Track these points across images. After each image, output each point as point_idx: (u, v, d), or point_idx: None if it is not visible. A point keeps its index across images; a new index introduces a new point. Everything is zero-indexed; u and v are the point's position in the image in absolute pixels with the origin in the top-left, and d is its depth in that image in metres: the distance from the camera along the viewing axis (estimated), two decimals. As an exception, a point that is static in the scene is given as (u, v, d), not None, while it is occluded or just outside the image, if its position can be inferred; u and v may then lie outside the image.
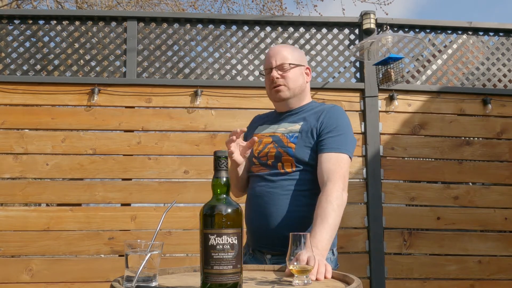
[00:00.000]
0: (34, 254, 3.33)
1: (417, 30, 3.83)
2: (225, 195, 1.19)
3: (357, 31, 3.80)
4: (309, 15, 7.79)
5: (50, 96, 3.53)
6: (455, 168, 3.65)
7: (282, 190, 1.73)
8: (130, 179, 3.50)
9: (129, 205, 3.52)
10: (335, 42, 3.79)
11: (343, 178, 1.67)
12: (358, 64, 3.77)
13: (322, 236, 1.53)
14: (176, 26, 3.75)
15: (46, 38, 3.65)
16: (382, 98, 3.68)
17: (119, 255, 3.37)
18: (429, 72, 3.93)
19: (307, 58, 3.71)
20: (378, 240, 3.47)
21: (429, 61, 3.98)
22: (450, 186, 3.62)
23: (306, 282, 1.26)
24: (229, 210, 1.16)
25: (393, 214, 3.55)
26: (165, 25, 3.74)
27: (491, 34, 3.90)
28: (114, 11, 4.93)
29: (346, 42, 3.79)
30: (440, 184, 3.64)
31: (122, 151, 3.50)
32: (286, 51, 1.83)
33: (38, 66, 3.61)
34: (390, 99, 3.67)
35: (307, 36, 3.79)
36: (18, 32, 3.66)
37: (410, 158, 3.66)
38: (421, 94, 3.72)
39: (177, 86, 3.61)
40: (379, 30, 3.68)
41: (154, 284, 1.21)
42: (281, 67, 1.81)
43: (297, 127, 1.79)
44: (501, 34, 3.88)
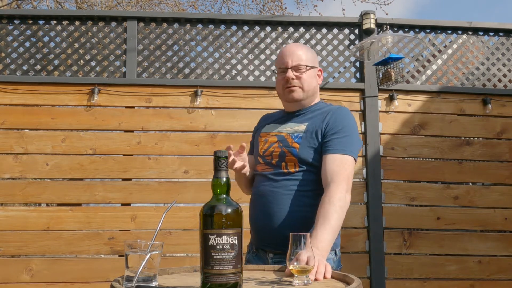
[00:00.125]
0: (34, 254, 3.33)
1: (417, 30, 3.83)
2: (225, 195, 1.19)
3: (357, 31, 3.80)
4: (309, 15, 7.79)
5: (50, 96, 3.53)
6: (455, 168, 3.65)
7: (285, 190, 1.73)
8: (130, 179, 3.50)
9: (129, 205, 3.52)
10: (335, 42, 3.79)
11: (347, 179, 1.67)
12: (358, 64, 3.77)
13: (323, 236, 1.53)
14: (176, 26, 3.74)
15: (46, 38, 3.65)
16: (382, 98, 3.68)
17: (119, 255, 3.37)
18: (429, 72, 3.93)
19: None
20: (378, 240, 3.47)
21: (429, 61, 3.98)
22: (450, 186, 3.62)
23: (306, 282, 1.26)
24: (229, 210, 1.16)
25: (393, 214, 3.55)
26: (165, 25, 3.73)
27: (491, 34, 3.90)
28: (114, 11, 4.94)
29: (346, 42, 3.79)
30: (440, 184, 3.64)
31: (122, 151, 3.50)
32: (302, 51, 1.82)
33: (38, 66, 3.61)
34: (390, 99, 3.67)
35: (307, 36, 3.79)
36: (18, 32, 3.66)
37: (410, 158, 3.66)
38: (421, 94, 3.72)
39: (177, 86, 3.61)
40: (379, 30, 3.68)
41: (154, 284, 1.21)
42: (296, 68, 1.80)
43: (302, 128, 1.79)
44: (501, 34, 3.88)
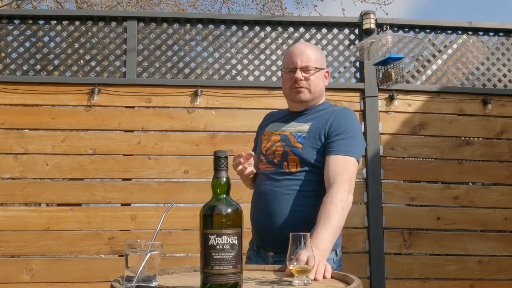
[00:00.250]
0: (34, 254, 3.33)
1: (417, 30, 3.83)
2: (225, 195, 1.19)
3: (357, 31, 3.80)
4: (309, 15, 7.79)
5: (50, 96, 3.53)
6: (455, 168, 3.65)
7: (286, 189, 1.73)
8: (130, 179, 3.50)
9: (129, 205, 3.52)
10: (335, 42, 3.79)
11: (350, 180, 1.67)
12: (358, 64, 3.77)
13: (324, 237, 1.53)
14: (176, 26, 3.74)
15: (46, 38, 3.64)
16: (382, 98, 3.68)
17: (119, 255, 3.37)
18: (429, 72, 3.92)
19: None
20: (378, 240, 3.47)
21: (429, 61, 3.98)
22: (450, 186, 3.62)
23: (306, 282, 1.26)
24: (229, 210, 1.16)
25: (393, 214, 3.55)
26: (165, 25, 3.73)
27: (491, 34, 3.89)
28: (114, 11, 4.94)
29: (346, 42, 3.79)
30: (440, 184, 3.64)
31: (122, 151, 3.50)
32: (311, 52, 1.81)
33: (38, 66, 3.61)
34: (390, 99, 3.67)
35: (307, 36, 3.79)
36: (18, 32, 3.66)
37: (410, 158, 3.66)
38: (421, 94, 3.72)
39: (177, 86, 3.61)
40: (379, 30, 3.68)
41: (154, 284, 1.21)
42: (305, 69, 1.79)
43: (305, 127, 1.79)
44: (501, 34, 3.88)
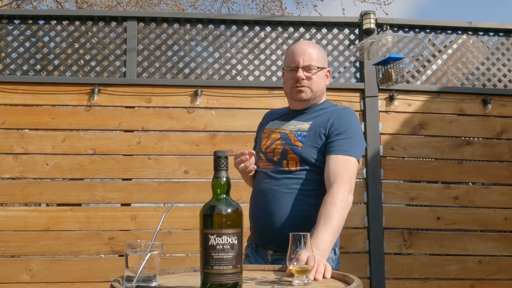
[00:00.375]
0: (34, 254, 3.33)
1: (417, 30, 3.83)
2: (225, 195, 1.19)
3: (357, 31, 3.80)
4: (309, 15, 7.79)
5: (50, 96, 3.53)
6: (455, 168, 3.65)
7: (285, 188, 1.73)
8: (130, 179, 3.50)
9: (129, 205, 3.52)
10: (335, 42, 3.79)
11: (350, 180, 1.67)
12: (358, 64, 3.77)
13: (324, 237, 1.53)
14: (176, 26, 3.74)
15: (46, 38, 3.64)
16: (382, 98, 3.68)
17: (119, 255, 3.37)
18: (429, 72, 3.92)
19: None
20: (378, 240, 3.47)
21: (429, 61, 3.98)
22: (450, 186, 3.62)
23: (306, 282, 1.26)
24: (229, 210, 1.16)
25: (393, 214, 3.55)
26: (165, 25, 3.73)
27: (491, 34, 3.89)
28: (114, 11, 4.94)
29: (346, 42, 3.79)
30: (440, 184, 3.64)
31: (122, 151, 3.50)
32: (313, 51, 1.81)
33: (38, 66, 3.61)
34: (390, 99, 3.67)
35: (307, 36, 3.79)
36: (18, 32, 3.66)
37: (410, 158, 3.66)
38: (421, 94, 3.72)
39: (177, 86, 3.61)
40: (379, 30, 3.68)
41: (154, 284, 1.21)
42: (307, 68, 1.79)
43: (306, 126, 1.79)
44: (501, 34, 3.88)
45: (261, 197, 1.78)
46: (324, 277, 1.36)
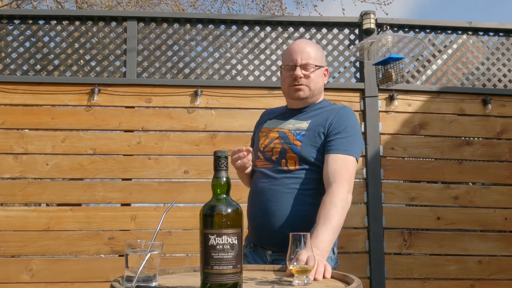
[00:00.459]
0: (34, 254, 3.33)
1: (417, 30, 3.83)
2: (225, 195, 1.19)
3: (357, 31, 3.80)
4: (309, 15, 7.79)
5: (50, 96, 3.53)
6: (455, 168, 3.65)
7: (284, 188, 1.72)
8: (130, 179, 3.50)
9: (129, 205, 3.52)
10: (335, 42, 3.79)
11: (349, 179, 1.67)
12: (358, 64, 3.77)
13: (323, 237, 1.53)
14: (176, 26, 3.74)
15: (46, 38, 3.64)
16: (382, 98, 3.68)
17: (119, 255, 3.37)
18: (429, 72, 3.92)
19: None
20: (378, 240, 3.47)
21: (429, 61, 3.98)
22: (450, 186, 3.62)
23: (306, 282, 1.26)
24: (229, 210, 1.16)
25: (393, 214, 3.55)
26: (165, 25, 3.73)
27: (491, 34, 3.89)
28: (114, 11, 4.94)
29: (346, 42, 3.79)
30: (440, 184, 3.64)
31: (122, 151, 3.50)
32: (311, 50, 1.81)
33: (38, 66, 3.61)
34: (390, 99, 3.67)
35: (307, 36, 3.79)
36: (18, 32, 3.66)
37: (410, 158, 3.66)
38: (421, 94, 3.72)
39: (177, 86, 3.61)
40: (379, 30, 3.68)
41: (154, 284, 1.21)
42: (305, 66, 1.79)
43: (304, 125, 1.78)
44: (501, 34, 3.88)
45: (259, 196, 1.77)
46: (324, 277, 1.36)
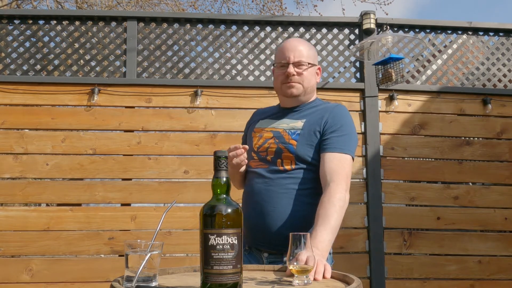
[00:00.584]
0: (34, 254, 3.33)
1: (417, 30, 3.83)
2: (225, 195, 1.19)
3: (357, 31, 3.80)
4: (309, 15, 7.79)
5: (50, 96, 3.53)
6: (455, 168, 3.65)
7: (280, 188, 1.70)
8: (130, 179, 3.50)
9: (129, 205, 3.52)
10: (335, 42, 3.79)
11: (346, 178, 1.67)
12: (358, 64, 3.77)
13: (323, 237, 1.52)
14: (176, 26, 3.74)
15: (46, 38, 3.65)
16: (382, 98, 3.68)
17: (119, 255, 3.37)
18: (429, 72, 3.92)
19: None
20: (378, 240, 3.47)
21: (429, 61, 3.98)
22: (450, 186, 3.62)
23: (306, 282, 1.26)
24: (229, 210, 1.16)
25: (393, 214, 3.55)
26: (165, 25, 3.73)
27: (491, 34, 3.89)
28: (114, 11, 4.94)
29: (346, 42, 3.79)
30: (440, 184, 3.64)
31: (122, 151, 3.50)
32: (304, 48, 1.80)
33: (38, 66, 3.61)
34: (390, 99, 3.67)
35: (307, 36, 3.79)
36: (18, 32, 3.66)
37: (410, 158, 3.66)
38: (421, 94, 3.72)
39: (177, 86, 3.61)
40: (379, 30, 3.68)
41: (154, 284, 1.21)
42: (298, 64, 1.78)
43: (299, 124, 1.77)
44: (501, 34, 3.88)
45: (254, 197, 1.74)
46: (324, 277, 1.36)
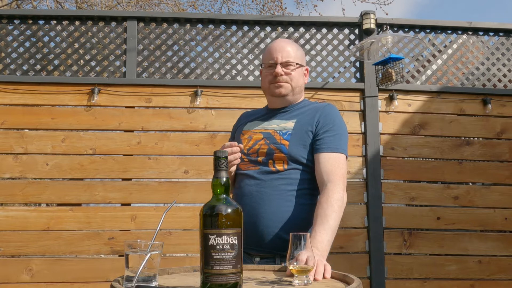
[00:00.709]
0: (34, 254, 3.33)
1: (417, 30, 3.83)
2: (225, 195, 1.19)
3: (357, 31, 3.80)
4: (309, 15, 7.79)
5: (50, 96, 3.53)
6: (455, 168, 3.65)
7: (273, 189, 1.68)
8: (130, 179, 3.50)
9: (129, 205, 3.52)
10: (335, 42, 3.79)
11: (343, 178, 1.67)
12: (358, 64, 3.77)
13: (322, 237, 1.52)
14: (176, 26, 3.74)
15: (46, 38, 3.65)
16: (382, 98, 3.68)
17: (119, 255, 3.37)
18: (429, 72, 3.92)
19: (307, 58, 3.72)
20: (378, 240, 3.47)
21: (429, 61, 3.98)
22: (450, 186, 3.62)
23: (306, 282, 1.26)
24: (229, 210, 1.16)
25: (393, 214, 3.55)
26: (165, 25, 3.73)
27: (491, 34, 3.90)
28: (114, 11, 4.94)
29: (346, 42, 3.79)
30: (440, 184, 3.64)
31: (122, 151, 3.50)
32: (291, 48, 1.80)
33: (38, 66, 3.61)
34: (390, 99, 3.67)
35: (307, 36, 3.79)
36: (18, 32, 3.66)
37: (410, 158, 3.66)
38: (421, 94, 3.72)
39: (177, 86, 3.61)
40: (379, 30, 3.68)
41: (154, 284, 1.21)
42: (286, 64, 1.78)
43: (290, 125, 1.76)
44: (501, 34, 3.88)
45: (245, 200, 1.70)
46: (324, 277, 1.36)
